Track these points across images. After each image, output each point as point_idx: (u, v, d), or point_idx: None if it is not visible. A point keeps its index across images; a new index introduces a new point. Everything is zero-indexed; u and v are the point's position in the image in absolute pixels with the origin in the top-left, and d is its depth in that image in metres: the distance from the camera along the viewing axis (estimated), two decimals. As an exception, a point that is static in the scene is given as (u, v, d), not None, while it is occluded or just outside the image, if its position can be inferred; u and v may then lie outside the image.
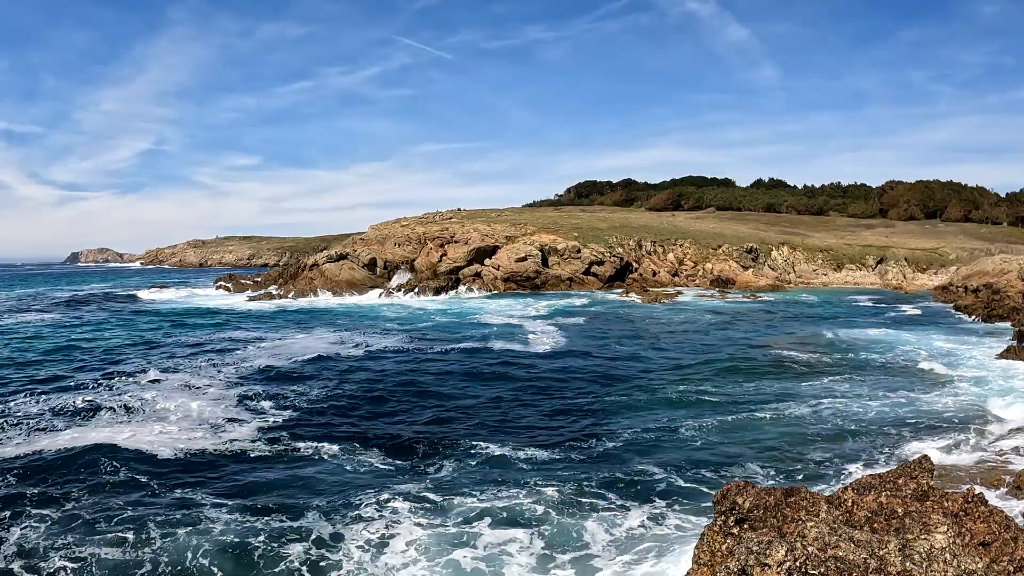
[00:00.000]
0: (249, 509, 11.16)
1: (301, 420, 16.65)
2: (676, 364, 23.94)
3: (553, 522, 10.71)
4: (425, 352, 26.47)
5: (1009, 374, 20.93)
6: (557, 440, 15.07)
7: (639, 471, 12.97)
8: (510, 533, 10.35)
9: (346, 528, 10.54)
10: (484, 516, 10.93)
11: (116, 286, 74.99)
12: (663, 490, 12.07)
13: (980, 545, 5.98)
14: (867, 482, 7.33)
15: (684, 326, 35.02)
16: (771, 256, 71.17)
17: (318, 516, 10.93)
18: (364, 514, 11.02)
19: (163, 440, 14.82)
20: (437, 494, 11.84)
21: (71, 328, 34.93)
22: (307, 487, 12.23)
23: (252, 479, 12.62)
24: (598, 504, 11.42)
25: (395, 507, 11.28)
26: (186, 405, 17.77)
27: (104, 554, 9.61)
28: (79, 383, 20.58)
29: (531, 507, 11.25)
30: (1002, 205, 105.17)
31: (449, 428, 16.10)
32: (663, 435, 15.31)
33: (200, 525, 10.56)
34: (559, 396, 19.25)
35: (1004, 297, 41.99)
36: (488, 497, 11.70)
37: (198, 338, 30.81)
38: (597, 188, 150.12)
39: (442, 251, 63.00)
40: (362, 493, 11.87)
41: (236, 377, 21.50)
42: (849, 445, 14.48)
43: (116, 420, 16.61)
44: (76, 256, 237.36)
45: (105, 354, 26.41)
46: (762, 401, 18.30)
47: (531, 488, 12.11)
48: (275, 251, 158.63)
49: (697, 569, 6.87)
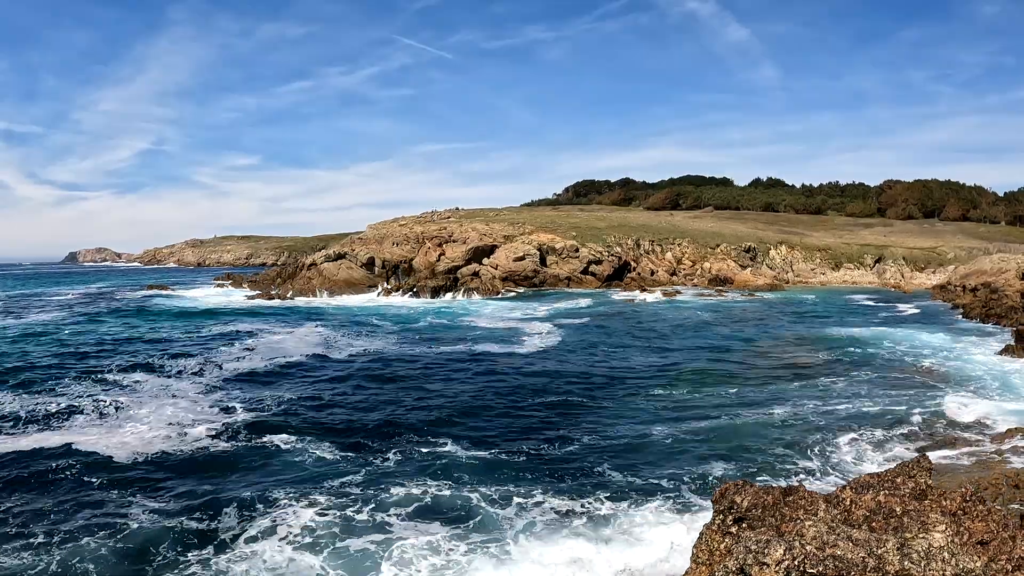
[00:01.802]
0: (173, 510, 11.15)
1: (267, 421, 16.58)
2: (662, 365, 23.66)
3: (472, 518, 10.83)
4: (409, 352, 26.37)
5: (1007, 373, 20.93)
6: (514, 441, 14.92)
7: (587, 472, 12.87)
8: (426, 526, 10.56)
9: (255, 523, 10.62)
10: (402, 507, 11.17)
11: (112, 286, 74.85)
12: (606, 492, 11.85)
13: (978, 544, 5.96)
14: (865, 481, 7.31)
15: (678, 326, 34.92)
16: (769, 255, 71.21)
17: (236, 514, 10.96)
18: (279, 510, 11.14)
19: (125, 442, 14.70)
20: (364, 488, 12.01)
21: (60, 328, 34.83)
22: (244, 485, 12.26)
23: (195, 480, 12.54)
24: (527, 503, 11.41)
25: (315, 499, 11.52)
26: (161, 406, 17.70)
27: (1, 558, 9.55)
28: (60, 384, 20.45)
29: (453, 501, 11.41)
30: (1000, 204, 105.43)
31: (410, 426, 16.06)
32: (629, 439, 14.92)
33: (117, 526, 10.52)
34: (533, 398, 18.86)
35: (1002, 296, 42.04)
36: (415, 491, 11.83)
37: (189, 338, 30.77)
38: (595, 187, 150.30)
39: (440, 251, 62.96)
40: (292, 487, 12.04)
41: (217, 378, 21.44)
42: (841, 445, 14.46)
43: (88, 422, 16.41)
44: (74, 256, 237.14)
45: (94, 354, 26.33)
46: (748, 404, 17.89)
47: (464, 484, 12.22)
48: (273, 251, 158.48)
49: (696, 568, 6.86)
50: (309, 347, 27.68)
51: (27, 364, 23.94)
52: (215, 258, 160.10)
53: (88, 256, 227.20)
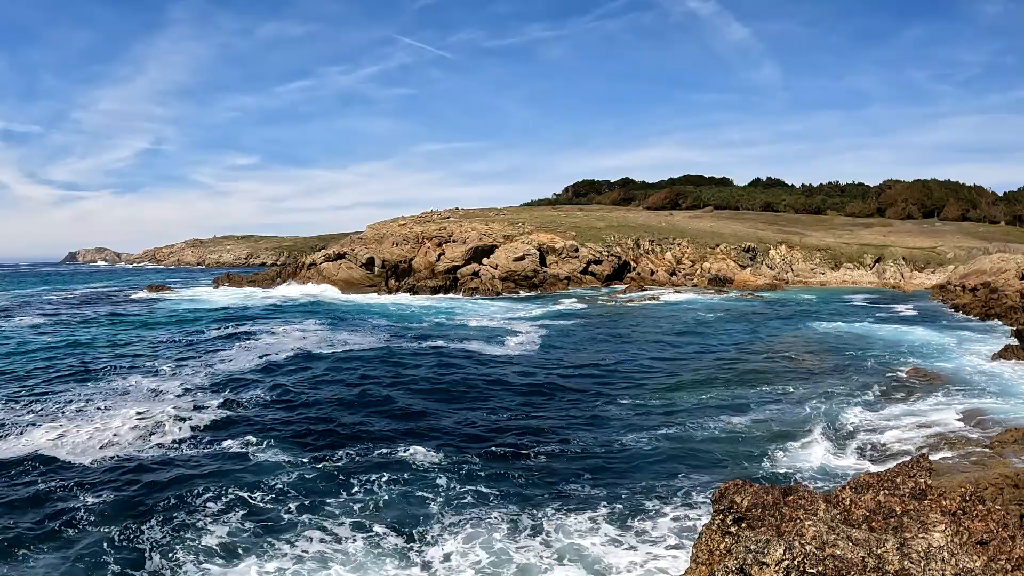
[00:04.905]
0: (110, 514, 11.16)
1: (238, 422, 16.56)
2: (649, 369, 23.42)
3: (397, 519, 11.02)
4: (397, 354, 26.15)
5: (1006, 373, 20.91)
6: (479, 444, 14.86)
7: (545, 477, 12.83)
8: (345, 520, 10.89)
9: (185, 528, 10.68)
10: (343, 508, 11.42)
11: (112, 286, 74.75)
12: (556, 499, 11.83)
13: (978, 543, 5.96)
14: (865, 481, 7.31)
15: (674, 327, 34.63)
16: (769, 255, 71.21)
17: (163, 519, 10.99)
18: (210, 511, 11.28)
19: (92, 445, 14.61)
20: (297, 490, 12.14)
21: (56, 328, 34.80)
22: (194, 487, 12.29)
23: (145, 485, 12.47)
24: (466, 508, 11.51)
25: (244, 498, 11.72)
26: (142, 407, 17.64)
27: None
28: (49, 387, 20.42)
29: (381, 502, 11.65)
30: (1000, 204, 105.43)
31: (376, 428, 16.08)
32: (603, 446, 14.73)
33: (63, 533, 10.55)
34: (512, 401, 18.69)
35: (1001, 296, 42.03)
36: (351, 494, 12.01)
37: (183, 338, 30.74)
38: (595, 187, 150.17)
39: (440, 250, 62.94)
40: (232, 488, 12.14)
41: (202, 379, 21.41)
42: (834, 448, 14.44)
43: (65, 425, 16.25)
44: (74, 256, 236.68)
45: (86, 355, 26.34)
46: (736, 407, 17.61)
47: (414, 486, 12.38)
48: (273, 250, 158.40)
49: (695, 568, 6.86)
50: (301, 345, 27.79)
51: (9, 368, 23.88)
52: (215, 258, 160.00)
53: (88, 256, 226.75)
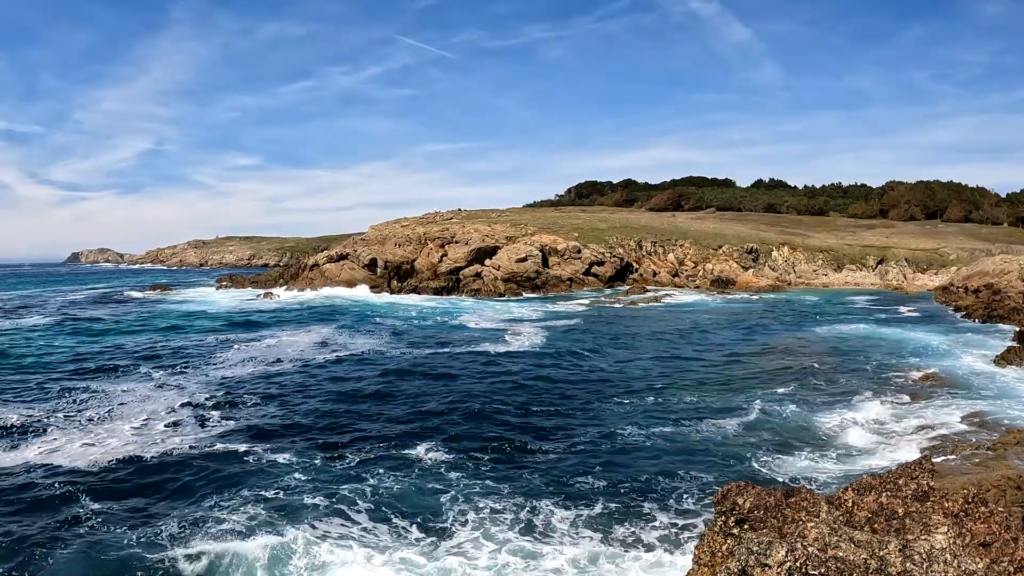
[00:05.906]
0: (119, 518, 11.23)
1: (245, 422, 16.72)
2: (651, 370, 23.41)
3: (410, 511, 11.22)
4: (401, 354, 26.26)
5: (1009, 375, 20.88)
6: (484, 443, 15.00)
7: (549, 474, 12.92)
8: (337, 518, 11.07)
9: (197, 525, 10.83)
10: (315, 504, 11.56)
11: (114, 287, 74.92)
12: (546, 499, 11.92)
13: (980, 546, 5.96)
14: (867, 482, 7.31)
15: (676, 328, 34.60)
16: (771, 256, 71.14)
17: (177, 515, 11.22)
18: (226, 503, 11.54)
19: (95, 451, 14.60)
20: (289, 491, 12.27)
21: (60, 328, 34.91)
22: (193, 490, 12.41)
23: (150, 489, 12.58)
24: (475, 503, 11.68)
25: (257, 492, 11.98)
26: (145, 411, 17.72)
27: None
28: (50, 388, 20.52)
29: (375, 496, 11.88)
30: (1002, 205, 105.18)
31: (382, 427, 16.27)
32: (606, 445, 14.78)
33: (69, 533, 10.61)
34: (516, 400, 18.79)
35: (1004, 297, 41.92)
36: (345, 489, 12.16)
37: (185, 339, 30.86)
38: (597, 188, 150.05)
39: (442, 251, 62.97)
40: (234, 491, 12.26)
41: (207, 379, 21.51)
42: (836, 449, 14.42)
43: (67, 428, 16.27)
44: (76, 256, 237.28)
45: (85, 356, 26.41)
46: (737, 409, 17.57)
47: (426, 480, 12.59)
48: (275, 251, 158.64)
49: (697, 569, 6.86)
50: (302, 348, 27.88)
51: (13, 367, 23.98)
52: (217, 259, 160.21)
53: (90, 257, 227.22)
